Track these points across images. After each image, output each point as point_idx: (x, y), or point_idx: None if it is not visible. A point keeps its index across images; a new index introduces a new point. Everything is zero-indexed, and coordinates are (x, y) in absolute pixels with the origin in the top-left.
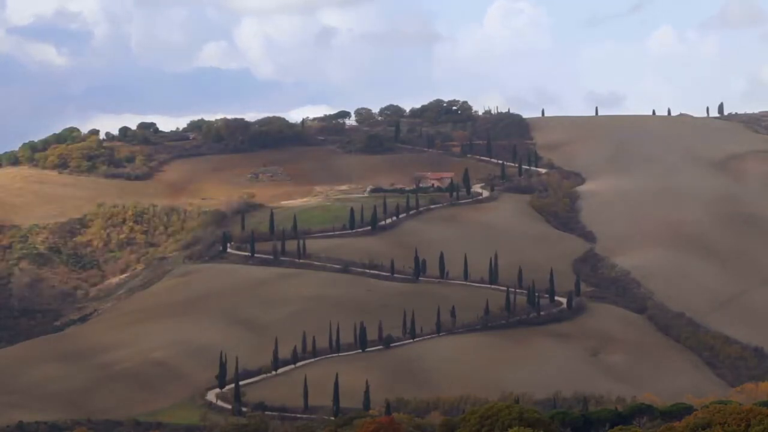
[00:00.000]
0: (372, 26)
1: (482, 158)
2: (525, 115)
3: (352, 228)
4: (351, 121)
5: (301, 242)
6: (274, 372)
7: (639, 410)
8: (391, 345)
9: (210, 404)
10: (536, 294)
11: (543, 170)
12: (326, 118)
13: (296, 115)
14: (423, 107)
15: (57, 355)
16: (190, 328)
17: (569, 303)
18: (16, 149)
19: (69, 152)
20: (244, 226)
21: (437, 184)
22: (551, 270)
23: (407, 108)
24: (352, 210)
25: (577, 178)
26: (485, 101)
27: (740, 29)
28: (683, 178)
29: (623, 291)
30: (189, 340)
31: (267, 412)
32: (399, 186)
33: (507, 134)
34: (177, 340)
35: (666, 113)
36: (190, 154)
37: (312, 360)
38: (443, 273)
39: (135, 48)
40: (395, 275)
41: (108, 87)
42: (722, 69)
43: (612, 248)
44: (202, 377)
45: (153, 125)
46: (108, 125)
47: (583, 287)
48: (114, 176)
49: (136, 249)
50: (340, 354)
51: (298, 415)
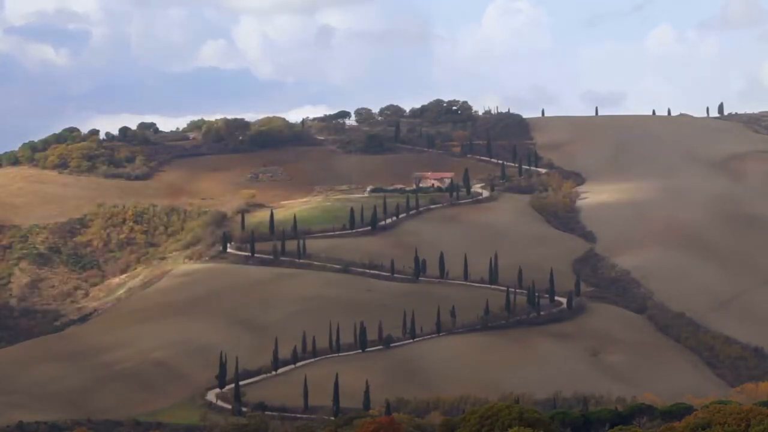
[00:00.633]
0: (371, 26)
1: (482, 158)
2: (525, 115)
3: (352, 228)
4: (351, 121)
5: (301, 242)
6: (274, 372)
7: (639, 410)
8: (391, 345)
9: (210, 404)
10: (536, 294)
11: (543, 170)
12: (326, 118)
13: (296, 115)
14: (423, 107)
15: (57, 355)
16: (190, 328)
17: (569, 303)
18: (16, 149)
19: (69, 152)
20: (244, 226)
21: (437, 184)
22: (551, 270)
23: (407, 108)
24: (352, 210)
25: (577, 178)
26: (485, 101)
27: (740, 29)
28: (683, 178)
29: (623, 291)
30: (189, 340)
31: (267, 412)
32: (399, 186)
33: (507, 134)
34: (177, 340)
35: (666, 113)
36: (190, 154)
37: (312, 360)
38: (443, 273)
39: (135, 48)
40: (395, 275)
41: (108, 87)
42: (722, 69)
43: (612, 248)
44: (202, 377)
45: (153, 125)
46: (108, 125)
47: (583, 287)
48: (114, 176)
49: (136, 249)
50: (340, 354)
51: (298, 415)
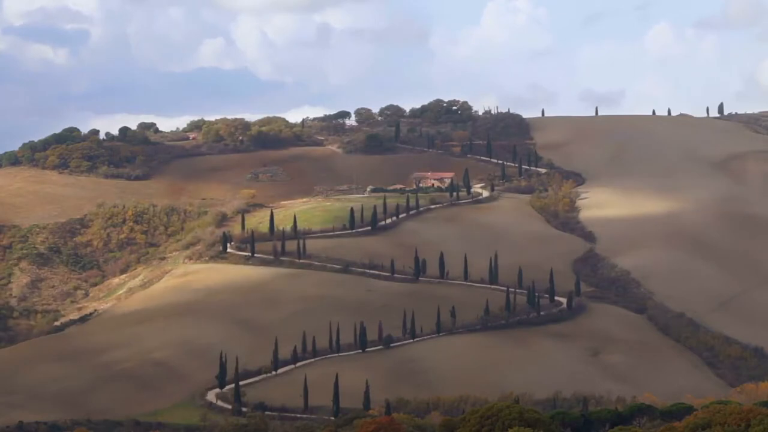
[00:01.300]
0: (371, 25)
1: (482, 158)
2: (525, 115)
3: (352, 228)
4: (351, 121)
5: (301, 242)
6: (274, 372)
7: (639, 410)
8: (391, 345)
9: (210, 404)
10: (536, 294)
11: (543, 170)
12: (326, 118)
13: (296, 115)
14: (423, 107)
15: (57, 355)
16: (190, 328)
17: (569, 303)
18: (16, 149)
19: (69, 152)
20: (244, 226)
21: (437, 184)
22: (551, 270)
23: (407, 108)
24: (352, 210)
25: (577, 178)
26: (485, 101)
27: (740, 29)
28: (683, 178)
29: (623, 291)
30: (189, 340)
31: (267, 412)
32: (399, 186)
33: (507, 134)
34: (177, 340)
35: (666, 113)
36: (190, 154)
37: (312, 360)
38: (443, 273)
39: (134, 48)
40: (395, 275)
41: (108, 87)
42: (722, 69)
43: (612, 248)
44: (202, 377)
45: (153, 125)
46: (108, 125)
47: (583, 287)
48: (114, 176)
49: (136, 249)
50: (340, 354)
51: (298, 415)
